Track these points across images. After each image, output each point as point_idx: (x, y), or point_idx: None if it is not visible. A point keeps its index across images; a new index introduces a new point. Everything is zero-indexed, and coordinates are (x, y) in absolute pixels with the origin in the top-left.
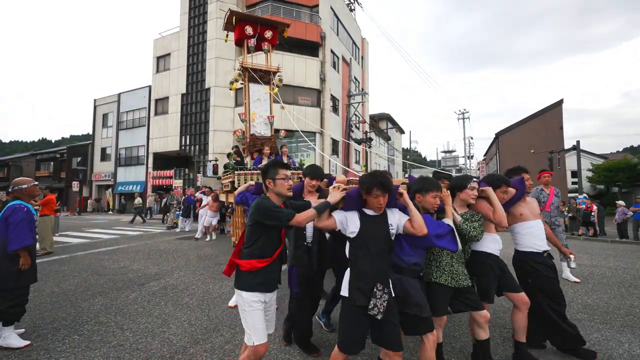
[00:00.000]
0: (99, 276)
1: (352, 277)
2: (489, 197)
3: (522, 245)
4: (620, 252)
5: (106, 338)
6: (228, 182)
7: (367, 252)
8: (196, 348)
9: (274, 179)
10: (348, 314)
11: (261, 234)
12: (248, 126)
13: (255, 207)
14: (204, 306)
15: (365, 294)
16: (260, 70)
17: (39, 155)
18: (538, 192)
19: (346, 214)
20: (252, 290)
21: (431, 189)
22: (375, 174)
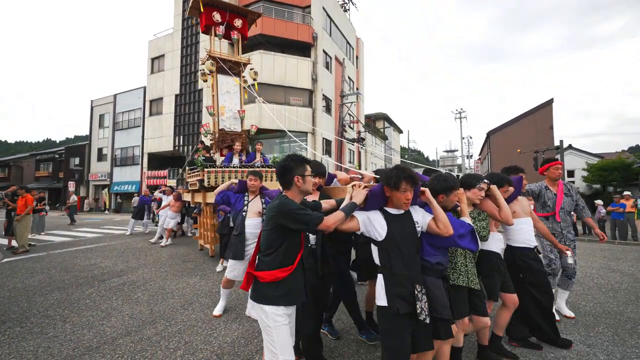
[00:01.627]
0: (65, 273)
1: (387, 283)
2: (495, 196)
3: (515, 241)
4: (589, 251)
5: (45, 330)
6: (195, 181)
7: (400, 254)
8: (125, 339)
9: (304, 175)
10: (393, 325)
11: (283, 240)
12: (216, 120)
13: (278, 209)
14: (152, 301)
15: (406, 299)
16: (229, 61)
17: (38, 156)
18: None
19: (369, 215)
20: (276, 303)
21: (456, 187)
22: (401, 167)
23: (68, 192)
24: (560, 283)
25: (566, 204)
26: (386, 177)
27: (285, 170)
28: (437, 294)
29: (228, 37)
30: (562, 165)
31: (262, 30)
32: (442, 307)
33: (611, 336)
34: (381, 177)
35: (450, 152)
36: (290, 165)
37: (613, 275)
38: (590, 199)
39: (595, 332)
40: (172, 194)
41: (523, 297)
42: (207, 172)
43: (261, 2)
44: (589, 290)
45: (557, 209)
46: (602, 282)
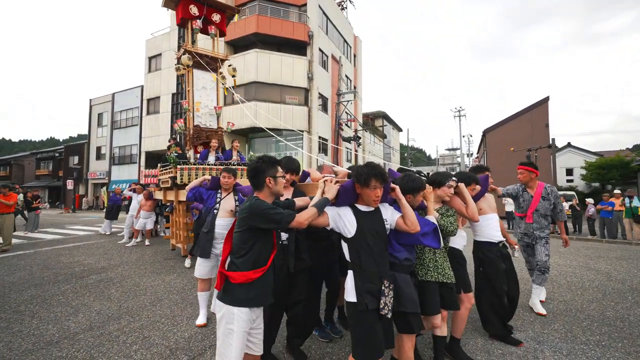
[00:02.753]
0: (46, 270)
1: (357, 279)
2: (462, 193)
3: (480, 236)
4: (573, 249)
5: (11, 325)
6: (168, 178)
7: (370, 250)
8: (86, 334)
9: (275, 176)
10: (361, 320)
11: (256, 240)
12: (191, 116)
13: (249, 211)
14: (123, 298)
15: (375, 295)
16: (206, 56)
17: (39, 155)
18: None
19: (339, 211)
20: (246, 306)
21: (423, 188)
22: (371, 164)
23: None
24: (535, 278)
25: (542, 207)
26: (356, 174)
27: (256, 172)
28: (406, 290)
29: (205, 31)
30: (525, 170)
31: (258, 29)
32: (410, 302)
33: (564, 333)
34: (352, 174)
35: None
36: (261, 167)
37: (587, 274)
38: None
39: (550, 329)
40: (143, 192)
41: (482, 291)
42: (180, 169)
43: (257, 1)
44: (558, 289)
45: (529, 211)
46: (574, 280)
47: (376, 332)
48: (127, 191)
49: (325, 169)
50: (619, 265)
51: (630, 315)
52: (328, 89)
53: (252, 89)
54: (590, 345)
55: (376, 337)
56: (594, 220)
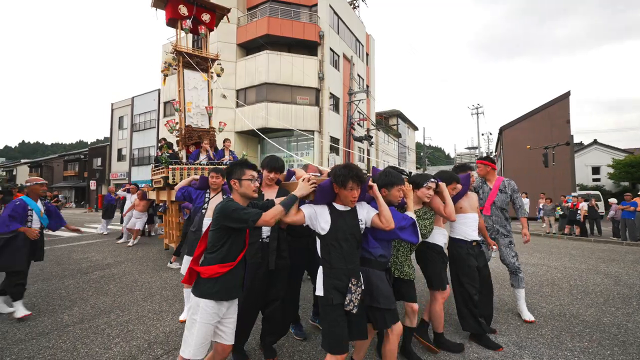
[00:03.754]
0: (56, 265)
1: (326, 275)
2: (442, 193)
3: (455, 233)
4: (588, 252)
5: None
6: (160, 178)
7: (340, 248)
8: (76, 326)
9: (240, 179)
10: (328, 314)
11: (228, 238)
12: (183, 116)
13: (219, 211)
14: (119, 293)
15: (341, 291)
16: (196, 56)
17: (66, 157)
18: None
19: (316, 209)
20: (211, 297)
21: (397, 183)
22: (349, 166)
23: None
24: (512, 282)
25: (499, 200)
26: (334, 175)
27: (227, 175)
28: (380, 286)
29: (195, 31)
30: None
31: (269, 31)
32: (384, 297)
33: (551, 338)
34: (330, 174)
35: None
36: (230, 170)
37: (594, 277)
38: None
39: (536, 334)
40: (137, 192)
41: (454, 286)
42: (172, 169)
43: (268, 3)
44: (559, 292)
45: (487, 203)
46: (577, 284)
47: (340, 325)
48: (121, 191)
49: (311, 168)
50: (632, 269)
51: (629, 322)
52: (339, 89)
53: (263, 90)
54: (575, 352)
55: (340, 329)
56: (618, 221)
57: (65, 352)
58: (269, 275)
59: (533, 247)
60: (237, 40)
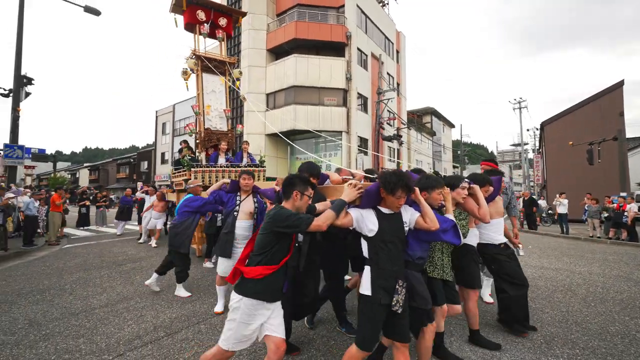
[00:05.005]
0: (97, 257)
1: (374, 275)
2: (476, 195)
3: (481, 239)
4: (628, 258)
5: (54, 298)
6: (181, 180)
7: (387, 250)
8: (101, 309)
9: (303, 193)
10: (371, 312)
11: (276, 243)
12: (202, 119)
13: (272, 218)
14: (142, 283)
15: (388, 291)
16: (214, 60)
17: (119, 160)
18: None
19: (362, 212)
20: (253, 296)
21: (437, 186)
22: (400, 174)
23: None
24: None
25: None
26: (384, 182)
27: (289, 183)
28: (417, 287)
29: (213, 36)
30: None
31: (296, 35)
32: (421, 298)
33: (539, 344)
34: (380, 180)
35: (517, 145)
36: (294, 181)
37: (620, 285)
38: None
39: (525, 339)
40: (156, 193)
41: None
42: (194, 172)
43: (296, 8)
44: (571, 299)
45: None
46: (597, 291)
47: (379, 325)
48: (140, 193)
49: (344, 172)
50: None
51: (639, 333)
52: (368, 88)
53: (291, 93)
54: (559, 359)
55: (378, 329)
56: None
57: (87, 330)
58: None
59: (564, 251)
60: (266, 46)
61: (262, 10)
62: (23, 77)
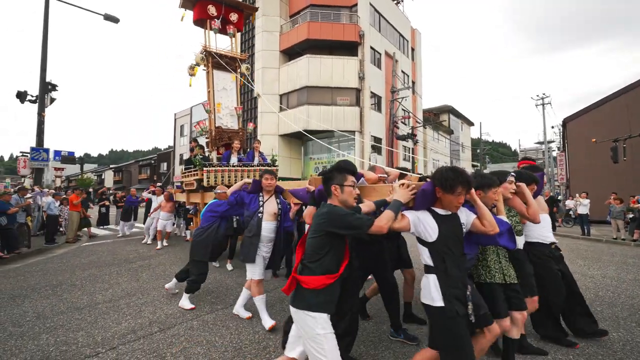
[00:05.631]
0: (110, 255)
1: (443, 284)
2: (524, 193)
3: (530, 237)
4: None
5: (63, 293)
6: (193, 180)
7: (452, 255)
8: (104, 304)
9: (342, 185)
10: (453, 327)
11: (330, 247)
12: (213, 117)
13: (325, 217)
14: (148, 280)
15: (461, 300)
16: (225, 56)
17: (140, 162)
18: None
19: (419, 215)
20: (323, 310)
21: (493, 185)
22: (457, 169)
23: None
24: None
25: None
26: (441, 179)
27: (326, 179)
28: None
29: (224, 31)
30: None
31: (309, 35)
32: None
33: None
34: (434, 178)
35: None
36: (330, 176)
37: (634, 290)
38: None
39: None
40: (163, 194)
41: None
42: (207, 172)
43: (308, 9)
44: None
45: None
46: (607, 295)
47: (469, 340)
48: (146, 193)
49: (378, 170)
50: None
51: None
52: (381, 87)
53: (304, 94)
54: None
55: (470, 345)
56: None
57: (87, 324)
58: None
59: (580, 254)
60: (280, 47)
61: (275, 12)
62: (48, 84)
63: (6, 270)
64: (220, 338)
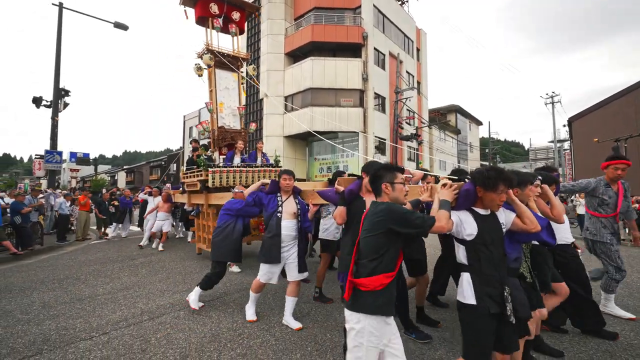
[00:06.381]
0: (116, 252)
1: (477, 283)
2: (548, 194)
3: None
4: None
5: (68, 287)
6: (196, 181)
7: (490, 254)
8: (103, 296)
9: (393, 183)
10: (478, 324)
11: (390, 246)
12: (215, 117)
13: (386, 214)
14: (147, 274)
15: (496, 300)
16: (228, 55)
17: (151, 163)
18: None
19: (459, 215)
20: (378, 312)
21: (531, 181)
22: (498, 168)
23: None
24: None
25: (623, 206)
26: (483, 177)
27: (374, 178)
28: (517, 294)
29: (226, 30)
30: (625, 165)
31: (313, 38)
32: (522, 305)
33: None
34: (475, 178)
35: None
36: (380, 174)
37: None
38: None
39: None
40: (161, 194)
41: None
42: (212, 172)
43: (313, 11)
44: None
45: (618, 210)
46: None
47: (490, 337)
48: (143, 194)
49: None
50: None
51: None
52: (385, 88)
53: (308, 96)
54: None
55: (490, 341)
56: None
57: (86, 312)
58: None
59: None
60: (284, 50)
61: (280, 15)
62: (61, 90)
63: (19, 265)
64: (202, 326)
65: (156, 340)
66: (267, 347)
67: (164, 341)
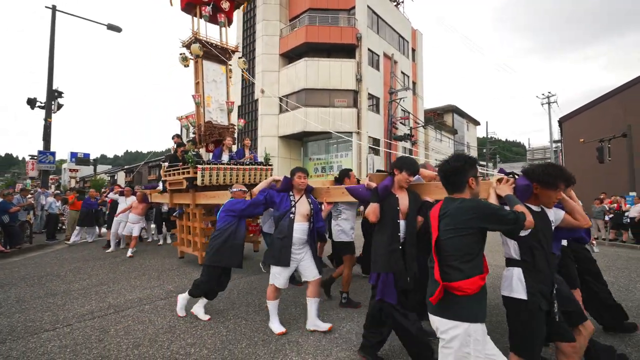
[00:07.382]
0: (101, 251)
1: (530, 279)
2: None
3: None
4: (609, 259)
5: (43, 281)
6: (182, 179)
7: (542, 251)
8: (94, 288)
9: (477, 177)
10: (531, 319)
11: (482, 245)
12: (202, 111)
13: (476, 212)
14: (125, 271)
15: (546, 297)
16: (216, 46)
17: (150, 163)
18: None
19: None
20: (482, 320)
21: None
22: (557, 166)
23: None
24: None
25: None
26: (543, 175)
27: (459, 172)
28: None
29: (214, 20)
30: None
31: (307, 39)
32: (567, 299)
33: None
34: (533, 175)
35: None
36: (464, 167)
37: None
38: None
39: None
40: (137, 194)
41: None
42: (202, 170)
43: (307, 12)
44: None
45: None
46: None
47: (542, 333)
48: (113, 194)
49: (429, 167)
50: None
51: None
52: (380, 89)
53: (302, 96)
54: None
55: (541, 337)
56: None
57: (56, 306)
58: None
59: None
60: (279, 51)
61: (275, 17)
62: (54, 91)
63: (5, 262)
64: (162, 319)
65: (115, 332)
66: (217, 337)
67: (122, 332)
